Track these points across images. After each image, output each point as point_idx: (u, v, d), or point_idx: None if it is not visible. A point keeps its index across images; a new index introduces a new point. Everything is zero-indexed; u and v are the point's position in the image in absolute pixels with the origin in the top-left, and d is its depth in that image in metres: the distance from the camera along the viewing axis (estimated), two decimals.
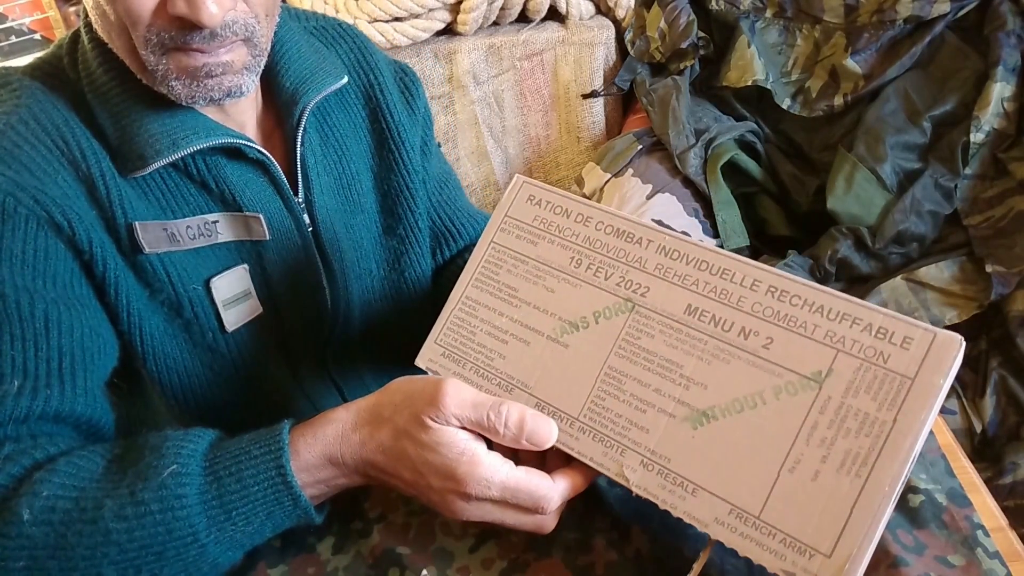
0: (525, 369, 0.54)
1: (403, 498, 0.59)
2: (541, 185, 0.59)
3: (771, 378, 0.48)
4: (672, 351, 0.51)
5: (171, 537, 0.49)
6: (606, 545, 0.55)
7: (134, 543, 0.48)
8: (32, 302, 0.54)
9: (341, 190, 0.73)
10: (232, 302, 0.67)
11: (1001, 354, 1.29)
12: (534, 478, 0.49)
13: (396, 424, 0.50)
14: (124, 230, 0.60)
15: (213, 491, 0.50)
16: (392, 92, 0.77)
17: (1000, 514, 0.56)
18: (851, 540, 0.43)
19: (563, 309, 0.55)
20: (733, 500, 0.46)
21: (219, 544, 0.50)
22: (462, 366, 0.56)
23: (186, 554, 0.49)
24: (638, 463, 0.49)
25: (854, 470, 0.44)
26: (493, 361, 0.56)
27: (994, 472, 1.20)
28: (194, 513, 0.49)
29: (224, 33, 0.56)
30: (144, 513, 0.48)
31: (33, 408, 0.52)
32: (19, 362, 0.53)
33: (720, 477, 0.47)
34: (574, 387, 0.52)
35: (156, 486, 0.49)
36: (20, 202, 0.55)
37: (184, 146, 0.60)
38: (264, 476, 0.50)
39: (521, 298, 0.56)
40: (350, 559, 0.55)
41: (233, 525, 0.50)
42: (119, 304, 0.61)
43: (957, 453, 0.61)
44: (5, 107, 0.59)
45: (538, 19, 1.76)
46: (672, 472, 0.48)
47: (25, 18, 1.87)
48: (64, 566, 0.48)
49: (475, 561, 0.54)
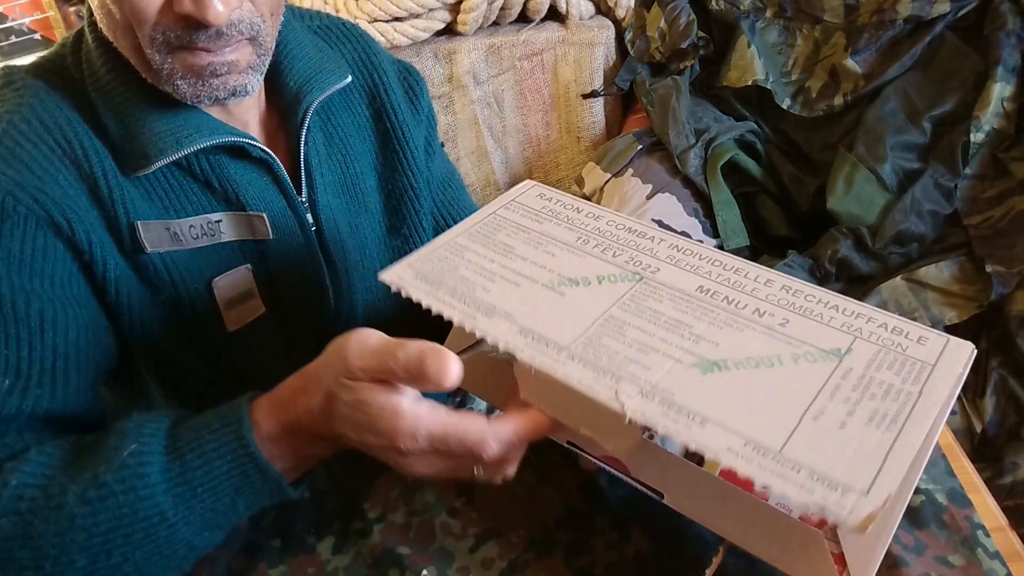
0: (511, 303, 0.47)
1: (403, 498, 0.59)
2: (551, 189, 0.58)
3: (789, 347, 0.45)
4: (682, 315, 0.47)
5: (137, 518, 0.48)
6: (606, 545, 0.55)
7: (100, 526, 0.47)
8: (28, 301, 0.54)
9: (345, 190, 0.73)
10: (234, 302, 0.66)
11: (1001, 354, 1.29)
12: (464, 422, 0.45)
13: (327, 387, 0.47)
14: (126, 230, 0.60)
15: (176, 468, 0.48)
16: (396, 92, 0.77)
17: (1000, 514, 0.56)
18: (889, 482, 0.37)
19: (563, 268, 0.50)
20: (750, 435, 0.39)
21: (190, 524, 0.49)
22: (436, 287, 0.49)
23: (156, 535, 0.48)
24: (636, 392, 0.42)
25: (884, 425, 0.40)
26: (475, 292, 0.49)
27: (994, 472, 1.21)
28: (158, 492, 0.48)
29: (230, 32, 0.56)
30: (107, 495, 0.47)
31: (23, 407, 0.52)
32: (12, 361, 0.53)
33: (734, 416, 0.40)
34: (567, 324, 0.46)
35: (118, 466, 0.48)
36: (19, 201, 0.55)
37: (188, 145, 0.60)
38: (227, 449, 0.48)
39: (518, 253, 0.52)
40: (350, 559, 0.55)
41: (201, 502, 0.49)
42: (120, 304, 0.61)
43: (957, 453, 0.61)
44: (8, 105, 0.59)
45: (538, 19, 1.75)
46: (676, 403, 0.41)
47: (25, 18, 1.87)
48: (35, 555, 0.47)
49: (475, 561, 0.54)
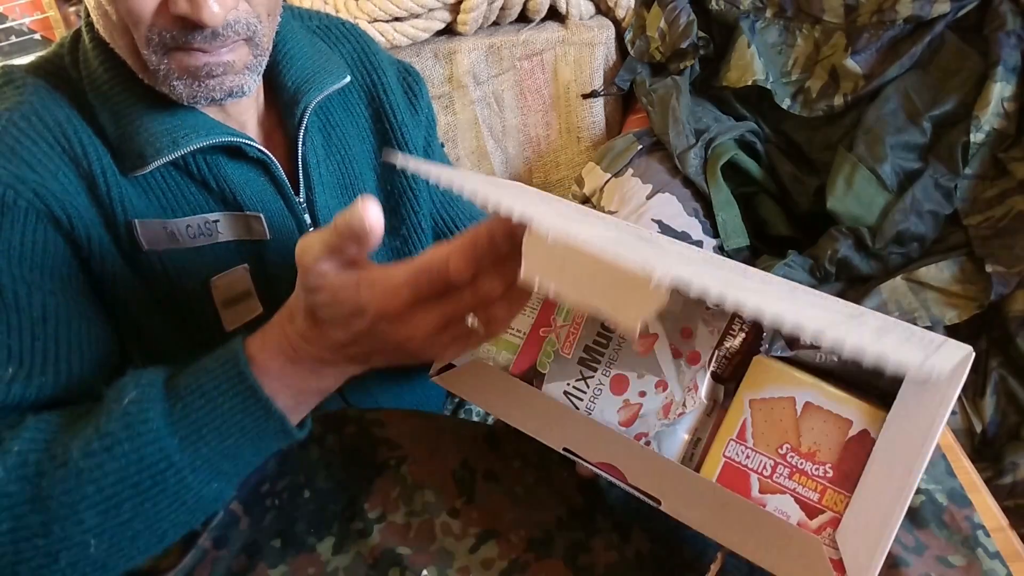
0: (530, 206, 0.45)
1: (403, 498, 0.59)
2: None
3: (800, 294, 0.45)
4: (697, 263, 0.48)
5: (143, 464, 0.47)
6: (606, 545, 0.55)
7: (108, 478, 0.47)
8: (30, 292, 0.54)
9: (344, 190, 0.73)
10: (232, 302, 0.66)
11: (1001, 354, 1.29)
12: (425, 256, 0.43)
13: (303, 304, 0.47)
14: (124, 228, 0.60)
15: (178, 411, 0.48)
16: (395, 92, 0.77)
17: (1000, 514, 0.56)
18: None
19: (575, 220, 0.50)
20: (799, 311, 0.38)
21: (197, 471, 0.48)
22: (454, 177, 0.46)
23: (164, 483, 0.47)
24: (664, 266, 0.38)
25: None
26: (492, 189, 0.45)
27: (994, 472, 1.21)
28: (163, 435, 0.47)
29: (226, 33, 0.56)
30: (111, 444, 0.46)
31: (26, 395, 0.52)
32: (15, 350, 0.53)
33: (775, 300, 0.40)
34: (588, 230, 0.43)
35: (119, 415, 0.47)
36: (20, 195, 0.55)
37: (184, 144, 0.60)
38: (227, 386, 0.48)
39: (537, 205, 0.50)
40: (350, 559, 0.55)
41: (206, 444, 0.48)
42: (117, 302, 0.61)
43: (957, 453, 0.61)
44: (8, 103, 0.59)
45: (538, 19, 1.75)
46: (709, 275, 0.40)
47: (25, 18, 1.86)
48: (46, 519, 0.46)
49: (475, 561, 0.54)
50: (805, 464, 0.46)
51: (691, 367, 0.51)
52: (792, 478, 0.46)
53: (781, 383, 0.48)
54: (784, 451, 0.47)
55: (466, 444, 0.62)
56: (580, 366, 0.53)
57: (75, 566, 0.47)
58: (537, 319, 0.55)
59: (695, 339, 0.51)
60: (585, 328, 0.54)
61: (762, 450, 0.47)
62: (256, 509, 0.59)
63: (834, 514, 0.45)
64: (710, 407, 0.50)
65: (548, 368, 0.54)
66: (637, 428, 0.51)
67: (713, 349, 0.51)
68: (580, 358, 0.53)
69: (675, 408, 0.51)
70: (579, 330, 0.54)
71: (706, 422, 0.50)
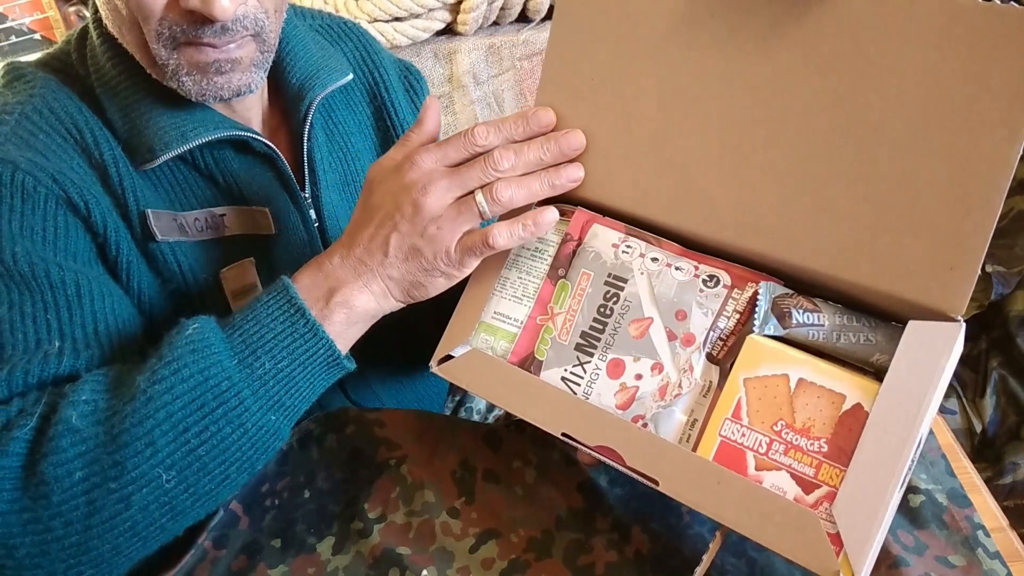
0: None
1: (403, 498, 0.59)
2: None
3: None
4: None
5: (208, 386, 0.49)
6: (606, 545, 0.55)
7: (177, 400, 0.49)
8: (62, 271, 0.55)
9: (346, 186, 0.74)
10: (239, 295, 0.67)
11: (1001, 354, 1.29)
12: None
13: (361, 204, 0.55)
14: (137, 217, 0.61)
15: (237, 337, 0.51)
16: (397, 90, 0.77)
17: (1000, 514, 0.56)
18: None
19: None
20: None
21: (257, 396, 0.51)
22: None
23: (226, 404, 0.50)
24: None
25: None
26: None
27: (994, 472, 1.21)
28: (223, 357, 0.50)
29: (235, 27, 0.56)
30: (179, 368, 0.49)
31: (77, 366, 0.53)
32: (55, 326, 0.54)
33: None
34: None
35: (182, 343, 0.50)
36: (39, 181, 0.56)
37: (192, 138, 0.61)
38: (279, 311, 0.52)
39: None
40: (350, 559, 0.55)
41: (262, 366, 0.51)
42: (131, 290, 0.62)
43: (957, 453, 0.61)
44: (21, 96, 0.60)
45: (538, 19, 1.75)
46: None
47: (25, 18, 1.86)
48: (120, 457, 0.47)
49: (475, 561, 0.54)
50: (800, 440, 0.47)
51: (686, 349, 0.51)
52: (787, 454, 0.47)
53: (775, 361, 0.48)
54: (779, 428, 0.47)
55: (466, 444, 0.62)
56: (577, 352, 0.54)
57: (146, 510, 0.48)
58: (533, 308, 0.56)
59: (689, 321, 0.52)
60: (581, 315, 0.54)
61: (757, 428, 0.48)
62: (256, 509, 0.59)
63: (830, 488, 0.45)
64: (705, 388, 0.51)
65: (546, 355, 0.54)
66: (634, 411, 0.51)
67: (707, 330, 0.51)
68: (577, 344, 0.54)
69: (671, 390, 0.51)
70: (575, 317, 0.54)
71: (702, 402, 0.50)
